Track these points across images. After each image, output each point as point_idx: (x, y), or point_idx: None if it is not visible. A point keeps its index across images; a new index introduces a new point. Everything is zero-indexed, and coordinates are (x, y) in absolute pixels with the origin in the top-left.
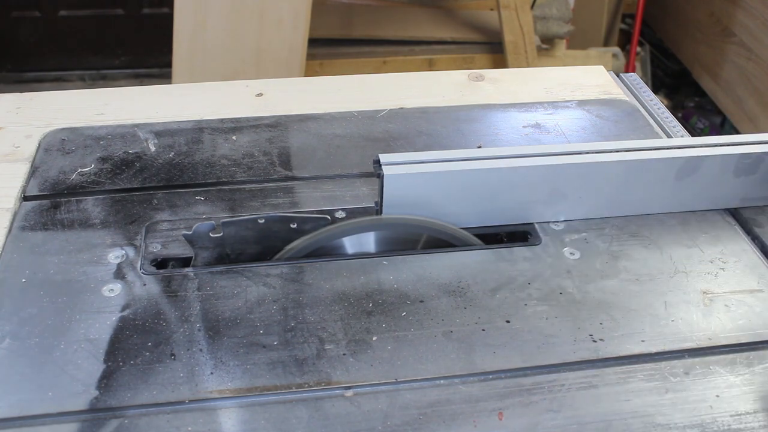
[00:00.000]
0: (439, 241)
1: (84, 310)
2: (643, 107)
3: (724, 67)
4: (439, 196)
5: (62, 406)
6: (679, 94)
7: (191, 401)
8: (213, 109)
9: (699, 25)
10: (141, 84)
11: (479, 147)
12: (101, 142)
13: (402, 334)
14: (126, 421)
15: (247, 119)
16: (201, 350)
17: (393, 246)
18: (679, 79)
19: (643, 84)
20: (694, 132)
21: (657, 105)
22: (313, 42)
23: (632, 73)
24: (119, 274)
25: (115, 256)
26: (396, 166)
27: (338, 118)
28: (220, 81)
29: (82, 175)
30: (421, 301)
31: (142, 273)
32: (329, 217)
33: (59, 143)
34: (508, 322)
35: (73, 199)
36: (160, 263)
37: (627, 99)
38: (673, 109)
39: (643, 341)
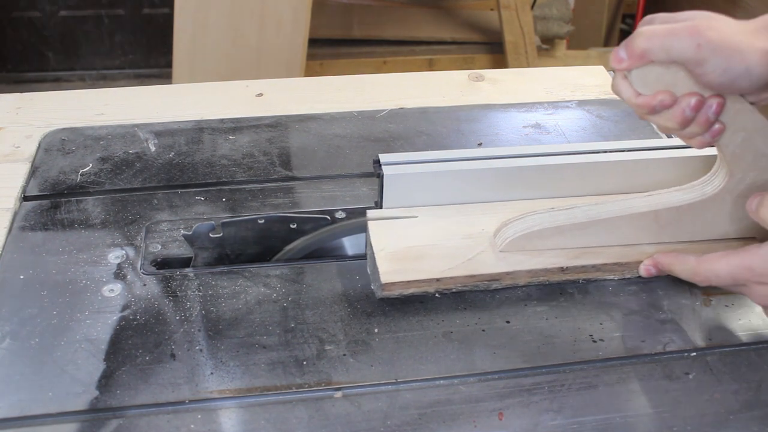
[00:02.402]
0: None
1: (84, 310)
2: None
3: None
4: (439, 196)
5: (62, 406)
6: None
7: (191, 401)
8: (213, 109)
9: None
10: (141, 84)
11: (479, 145)
12: (101, 142)
13: (402, 334)
14: (126, 421)
15: (247, 119)
16: (201, 350)
17: None
18: None
19: None
20: None
21: None
22: (313, 42)
23: None
24: (119, 274)
25: (115, 256)
26: (396, 165)
27: (338, 118)
28: (220, 81)
29: (83, 175)
30: (421, 302)
31: (142, 273)
32: (329, 218)
33: (59, 143)
34: (508, 322)
35: (73, 199)
36: (161, 263)
37: None
38: None
39: (643, 341)
